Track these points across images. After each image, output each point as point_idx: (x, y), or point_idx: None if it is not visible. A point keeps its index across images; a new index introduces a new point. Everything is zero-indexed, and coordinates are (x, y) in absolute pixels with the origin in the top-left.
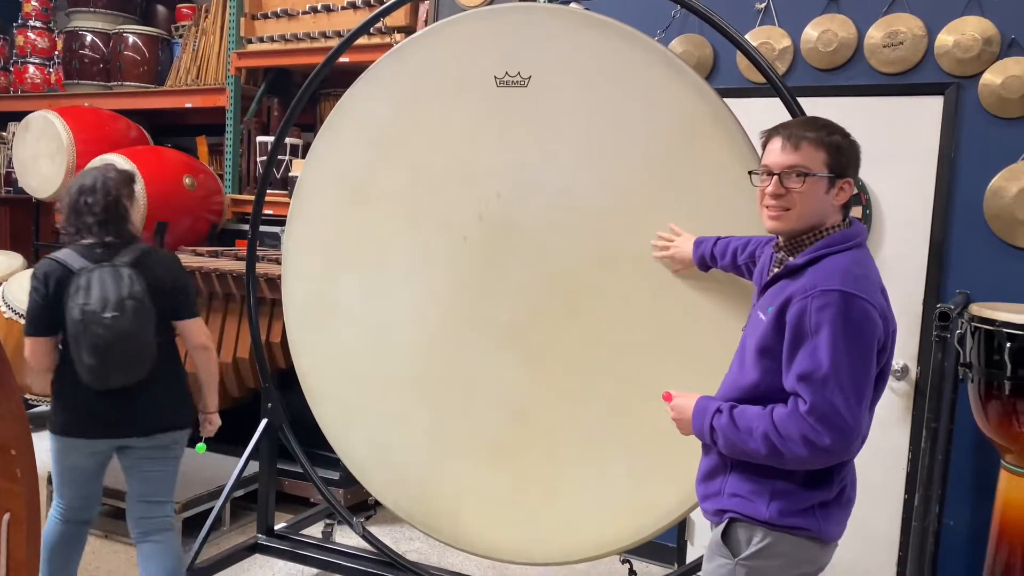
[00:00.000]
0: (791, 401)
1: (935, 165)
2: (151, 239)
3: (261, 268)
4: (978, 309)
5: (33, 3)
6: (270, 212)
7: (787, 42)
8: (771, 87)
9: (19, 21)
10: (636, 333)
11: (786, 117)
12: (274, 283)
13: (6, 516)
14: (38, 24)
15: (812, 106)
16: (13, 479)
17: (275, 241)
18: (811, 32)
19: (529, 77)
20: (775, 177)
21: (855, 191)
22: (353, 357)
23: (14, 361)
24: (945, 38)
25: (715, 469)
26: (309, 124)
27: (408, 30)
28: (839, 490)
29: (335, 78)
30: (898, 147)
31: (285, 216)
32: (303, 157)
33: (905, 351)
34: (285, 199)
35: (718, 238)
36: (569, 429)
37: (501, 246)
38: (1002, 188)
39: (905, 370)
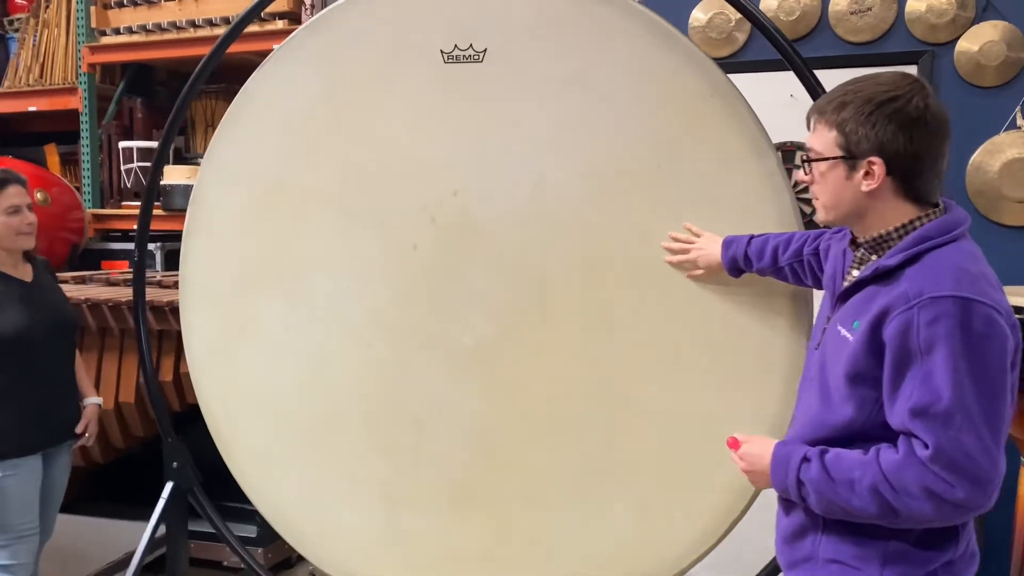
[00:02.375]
0: (903, 443)
1: None
2: None
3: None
4: None
5: None
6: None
7: None
8: (730, 62)
9: None
10: (631, 349)
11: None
12: (160, 312)
13: None
14: None
15: (774, 80)
16: None
17: (147, 260)
18: (770, 0)
19: (484, 50)
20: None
21: None
22: (277, 394)
23: None
24: (916, 3)
25: (803, 528)
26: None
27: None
28: (965, 544)
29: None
30: None
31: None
32: (175, 163)
33: None
34: (157, 211)
35: (752, 236)
36: (554, 469)
37: (460, 253)
38: (984, 163)
39: None
